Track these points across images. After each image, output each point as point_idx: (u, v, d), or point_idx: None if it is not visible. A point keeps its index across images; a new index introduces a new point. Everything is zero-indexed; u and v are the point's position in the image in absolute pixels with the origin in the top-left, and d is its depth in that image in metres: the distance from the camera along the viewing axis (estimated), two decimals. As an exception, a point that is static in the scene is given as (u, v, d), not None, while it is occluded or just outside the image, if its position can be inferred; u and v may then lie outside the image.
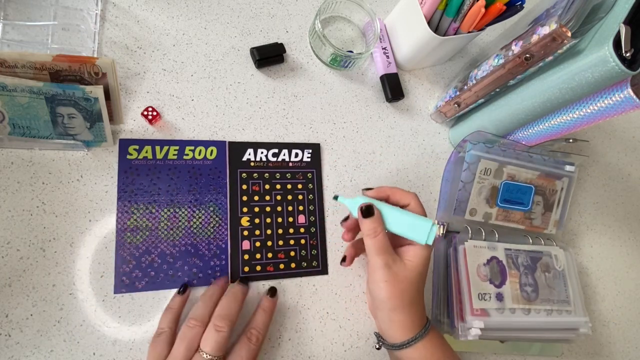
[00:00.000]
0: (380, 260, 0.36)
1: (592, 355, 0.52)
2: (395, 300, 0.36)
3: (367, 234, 0.37)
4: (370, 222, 0.37)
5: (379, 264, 0.36)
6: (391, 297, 0.36)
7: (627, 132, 0.66)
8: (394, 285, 0.36)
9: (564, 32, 0.35)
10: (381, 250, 0.36)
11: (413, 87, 0.54)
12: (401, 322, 0.37)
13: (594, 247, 0.57)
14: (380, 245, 0.36)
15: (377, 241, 0.36)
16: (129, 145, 0.40)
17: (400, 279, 0.36)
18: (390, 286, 0.36)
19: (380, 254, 0.36)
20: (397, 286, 0.36)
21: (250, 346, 0.36)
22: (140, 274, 0.38)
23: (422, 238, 0.36)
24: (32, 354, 0.34)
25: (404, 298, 0.36)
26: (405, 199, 0.39)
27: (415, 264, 0.36)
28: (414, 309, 0.37)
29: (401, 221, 0.37)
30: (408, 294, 0.36)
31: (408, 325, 0.36)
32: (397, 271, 0.36)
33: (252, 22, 0.48)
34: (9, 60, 0.30)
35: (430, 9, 0.45)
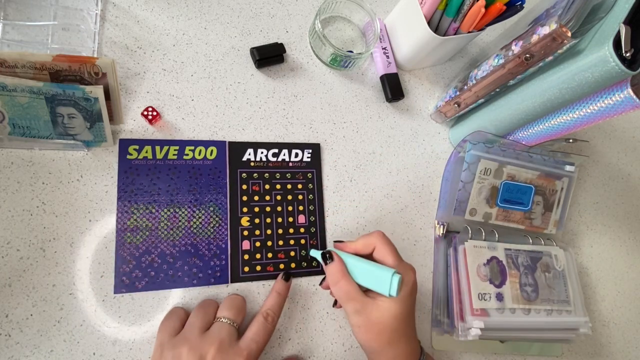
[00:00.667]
0: (348, 308, 0.35)
1: (592, 355, 0.52)
2: (373, 343, 0.35)
3: (330, 282, 0.36)
4: (331, 268, 0.36)
5: (348, 311, 0.35)
6: (367, 340, 0.35)
7: (627, 132, 0.66)
8: (367, 329, 0.35)
9: (564, 32, 0.35)
10: (346, 297, 0.35)
11: (413, 87, 0.54)
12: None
13: (594, 247, 0.57)
14: (344, 292, 0.35)
15: (339, 288, 0.35)
16: (129, 145, 0.40)
17: (373, 322, 0.34)
18: (365, 331, 0.35)
19: (346, 301, 0.35)
20: (372, 330, 0.35)
21: (267, 325, 0.37)
22: (140, 274, 0.38)
23: (385, 290, 0.34)
24: (32, 354, 0.34)
25: (382, 341, 0.35)
26: (370, 244, 0.38)
27: (387, 307, 0.34)
28: (397, 351, 0.35)
29: (364, 273, 0.36)
30: (386, 336, 0.34)
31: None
32: (369, 316, 0.34)
33: (252, 22, 0.48)
34: (9, 60, 0.30)
35: (430, 9, 0.45)
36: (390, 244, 0.38)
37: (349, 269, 0.36)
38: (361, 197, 0.48)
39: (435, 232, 0.49)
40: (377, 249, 0.37)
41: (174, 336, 0.34)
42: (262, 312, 0.38)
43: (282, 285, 0.40)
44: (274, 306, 0.38)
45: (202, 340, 0.34)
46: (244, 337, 0.36)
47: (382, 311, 0.34)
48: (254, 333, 0.36)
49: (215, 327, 0.35)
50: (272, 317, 0.37)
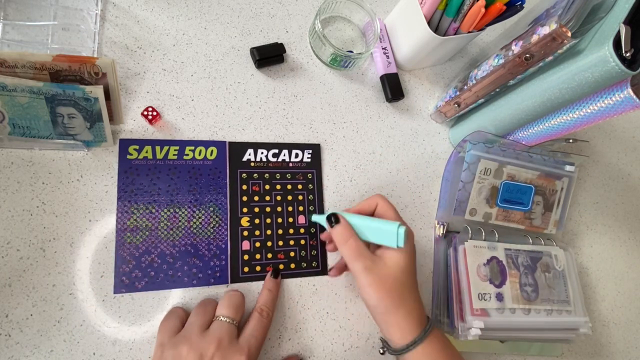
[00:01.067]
0: (358, 266, 0.36)
1: (592, 355, 0.52)
2: (385, 301, 0.35)
3: (338, 242, 0.37)
4: (338, 229, 0.37)
5: (358, 269, 0.36)
6: (380, 299, 0.35)
7: (627, 132, 0.66)
8: (379, 286, 0.35)
9: (564, 32, 0.35)
10: (356, 254, 0.36)
11: (413, 87, 0.54)
12: (398, 325, 0.36)
13: (594, 247, 0.57)
14: (353, 250, 0.36)
15: (349, 247, 0.36)
16: (129, 145, 0.40)
17: (384, 279, 0.35)
18: (376, 289, 0.35)
19: (356, 258, 0.36)
20: (383, 287, 0.35)
21: (262, 320, 0.37)
22: (140, 274, 0.38)
23: (392, 242, 0.36)
24: (32, 354, 0.34)
25: (394, 297, 0.35)
26: (372, 204, 0.39)
27: (396, 261, 0.36)
28: (407, 308, 0.36)
29: (369, 229, 0.37)
30: (397, 292, 0.35)
31: (405, 327, 0.36)
32: (379, 272, 0.35)
33: (252, 22, 0.48)
34: (9, 60, 0.30)
35: (430, 9, 0.45)
36: (390, 203, 0.39)
37: (354, 228, 0.38)
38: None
39: (435, 232, 0.49)
40: (379, 207, 0.39)
41: (174, 336, 0.34)
42: (257, 308, 0.38)
43: (272, 282, 0.41)
44: (267, 301, 0.39)
45: (202, 339, 0.34)
46: (242, 334, 0.36)
47: (391, 266, 0.35)
48: (252, 329, 0.36)
49: (214, 326, 0.35)
50: (266, 312, 0.38)
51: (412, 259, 0.37)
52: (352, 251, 0.36)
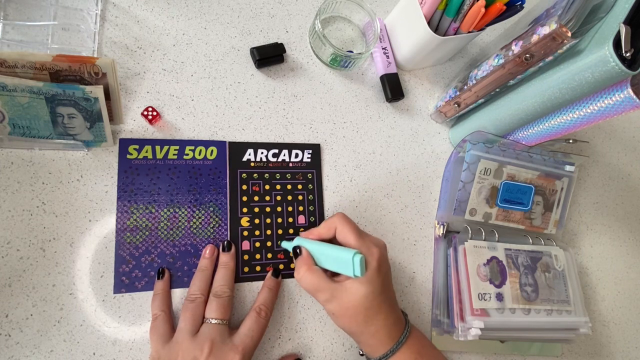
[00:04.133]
0: (319, 299, 0.37)
1: (592, 355, 0.52)
2: (350, 326, 0.36)
3: (297, 277, 0.37)
4: (298, 262, 0.37)
5: (320, 301, 0.37)
6: (344, 325, 0.37)
7: (627, 132, 0.66)
8: (341, 315, 0.36)
9: (564, 32, 0.35)
10: (315, 288, 0.36)
11: (413, 87, 0.54)
12: (366, 343, 0.37)
13: (594, 247, 0.57)
14: (310, 285, 0.36)
15: (305, 282, 0.36)
16: (129, 145, 0.40)
17: (345, 307, 0.35)
18: (339, 317, 0.36)
19: (315, 293, 0.36)
20: (345, 314, 0.35)
21: (260, 320, 0.37)
22: (140, 274, 0.38)
23: (349, 271, 0.35)
24: (32, 354, 0.34)
25: (358, 322, 0.36)
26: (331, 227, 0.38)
27: (356, 288, 0.35)
28: (374, 329, 0.36)
29: (327, 258, 0.37)
30: (360, 316, 0.35)
31: (374, 344, 0.36)
32: (340, 302, 0.35)
33: (252, 22, 0.48)
34: (9, 60, 0.30)
35: (430, 9, 0.45)
36: (350, 223, 0.38)
37: (315, 256, 0.37)
38: (361, 197, 0.48)
39: (435, 232, 0.49)
40: (338, 231, 0.38)
41: (167, 342, 0.35)
42: (255, 307, 0.38)
43: (272, 281, 0.41)
44: (266, 301, 0.39)
45: (193, 344, 0.34)
46: (237, 332, 0.36)
47: (351, 294, 0.35)
48: (248, 328, 0.36)
49: (204, 329, 0.35)
50: (265, 311, 0.38)
51: (375, 283, 0.35)
52: (309, 286, 0.36)
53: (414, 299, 0.47)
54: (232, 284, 0.39)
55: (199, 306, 0.36)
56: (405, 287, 0.47)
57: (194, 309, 0.36)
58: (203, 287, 0.37)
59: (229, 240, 0.41)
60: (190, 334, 0.35)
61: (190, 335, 0.34)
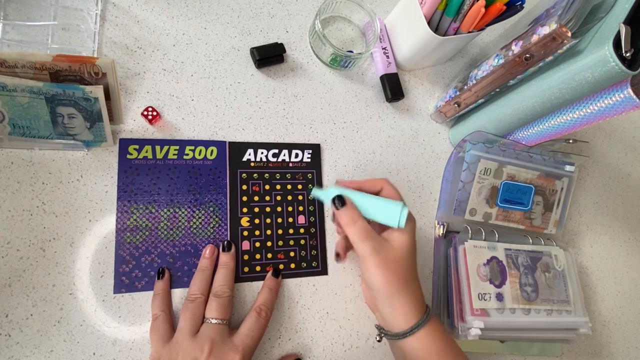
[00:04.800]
0: (366, 247, 0.35)
1: (592, 355, 0.52)
2: (392, 284, 0.35)
3: (345, 224, 0.36)
4: (345, 211, 0.36)
5: (366, 251, 0.35)
6: (387, 282, 0.35)
7: (627, 132, 0.66)
8: (386, 269, 0.35)
9: (564, 32, 0.35)
10: (364, 236, 0.35)
11: (413, 87, 0.54)
12: (402, 308, 0.36)
13: (594, 247, 0.57)
14: (361, 232, 0.35)
15: (357, 228, 0.36)
16: (129, 145, 0.40)
17: (391, 261, 0.35)
18: (384, 271, 0.35)
19: (364, 240, 0.35)
20: (390, 269, 0.35)
21: (260, 320, 0.37)
22: (140, 274, 0.38)
23: (395, 222, 0.35)
24: (32, 354, 0.34)
25: (400, 279, 0.35)
26: (377, 186, 0.39)
27: (401, 243, 0.36)
28: (411, 292, 0.36)
29: (373, 207, 0.37)
30: (403, 274, 0.35)
31: (408, 310, 0.36)
32: (387, 255, 0.35)
33: (252, 22, 0.48)
34: (9, 60, 0.30)
35: (430, 9, 0.45)
36: (396, 188, 0.39)
37: (358, 206, 0.37)
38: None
39: (435, 232, 0.49)
40: (385, 190, 0.38)
41: (167, 342, 0.35)
42: (255, 307, 0.38)
43: (273, 281, 0.41)
44: (267, 301, 0.39)
45: (193, 344, 0.34)
46: (238, 332, 0.36)
47: (397, 248, 0.36)
48: (248, 328, 0.36)
49: (204, 329, 0.35)
50: (265, 311, 0.38)
51: (414, 242, 0.37)
52: (360, 233, 0.35)
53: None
54: (232, 284, 0.39)
55: (199, 306, 0.36)
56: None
57: (194, 309, 0.36)
58: (203, 287, 0.38)
59: (229, 240, 0.41)
60: (190, 334, 0.35)
61: (190, 335, 0.34)
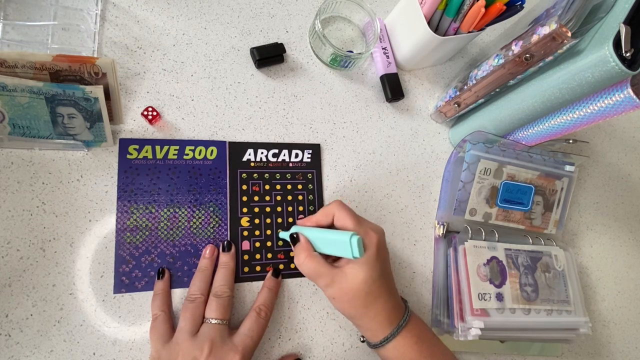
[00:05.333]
0: (319, 283, 0.37)
1: (592, 355, 0.52)
2: (349, 311, 0.37)
3: (297, 263, 0.38)
4: (297, 249, 0.38)
5: (320, 286, 0.37)
6: (344, 310, 0.37)
7: (627, 132, 0.66)
8: (341, 299, 0.36)
9: (564, 32, 0.35)
10: (314, 274, 0.37)
11: (413, 87, 0.54)
12: (366, 327, 0.38)
13: (594, 247, 0.57)
14: (311, 270, 0.37)
15: (306, 267, 0.37)
16: (129, 145, 0.40)
17: (344, 292, 0.36)
18: (339, 301, 0.37)
19: (315, 278, 0.37)
20: (345, 298, 0.36)
21: (260, 320, 0.37)
22: (140, 274, 0.38)
23: (348, 253, 0.35)
24: (32, 354, 0.34)
25: (357, 307, 0.36)
26: (329, 214, 0.38)
27: (355, 273, 0.35)
28: (373, 313, 0.36)
29: (326, 243, 0.37)
30: (360, 301, 0.36)
31: (374, 328, 0.37)
32: (340, 286, 0.36)
33: (252, 22, 0.48)
34: (9, 60, 0.30)
35: (430, 9, 0.45)
36: (347, 209, 0.38)
37: (313, 242, 0.38)
38: (361, 197, 0.48)
39: (435, 232, 0.49)
40: (336, 217, 0.38)
41: (167, 342, 0.35)
42: (255, 307, 0.38)
43: (272, 281, 0.41)
44: (266, 301, 0.39)
45: (193, 344, 0.34)
46: (237, 332, 0.36)
47: (350, 278, 0.36)
48: (248, 329, 0.36)
49: (204, 329, 0.35)
50: (265, 312, 0.38)
51: (374, 265, 0.36)
52: (310, 271, 0.37)
53: (414, 299, 0.47)
54: (232, 284, 0.39)
55: (199, 306, 0.36)
56: (405, 287, 0.47)
57: (194, 309, 0.36)
58: (203, 287, 0.38)
59: (229, 240, 0.41)
60: (190, 334, 0.35)
61: (190, 335, 0.34)
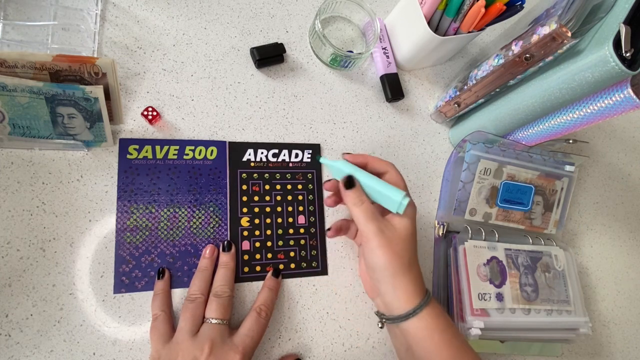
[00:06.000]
0: (371, 227, 0.36)
1: (592, 355, 0.52)
2: (395, 263, 0.35)
3: (352, 204, 0.37)
4: (353, 192, 0.37)
5: (371, 231, 0.36)
6: (391, 261, 0.35)
7: (627, 132, 0.66)
8: (390, 249, 0.35)
9: (564, 32, 0.35)
10: (370, 217, 0.36)
11: (413, 87, 0.54)
12: (405, 289, 0.36)
13: (594, 247, 0.57)
14: (367, 213, 0.36)
15: (363, 209, 0.36)
16: (129, 145, 0.40)
17: (395, 241, 0.36)
18: (388, 250, 0.35)
19: (369, 220, 0.36)
20: (394, 249, 0.35)
21: (260, 320, 0.37)
22: (140, 274, 0.38)
23: (394, 208, 0.36)
24: (32, 354, 0.34)
25: (403, 261, 0.36)
26: (383, 168, 0.39)
27: (403, 226, 0.36)
28: (414, 272, 0.36)
29: (377, 191, 0.37)
30: (406, 256, 0.36)
31: (412, 292, 0.36)
32: (391, 235, 0.36)
33: (252, 22, 0.48)
34: (9, 60, 0.30)
35: (430, 9, 0.45)
36: (400, 174, 0.39)
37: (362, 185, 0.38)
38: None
39: (435, 232, 0.49)
40: (390, 173, 0.39)
41: (167, 342, 0.35)
42: (255, 307, 0.38)
43: (273, 281, 0.41)
44: (267, 301, 0.39)
45: (193, 344, 0.34)
46: (237, 332, 0.36)
47: (400, 230, 0.36)
48: (248, 329, 0.36)
49: (204, 329, 0.35)
50: (265, 311, 0.38)
51: (415, 228, 0.38)
52: (366, 213, 0.36)
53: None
54: (232, 284, 0.39)
55: (199, 306, 0.36)
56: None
57: (194, 309, 0.36)
58: (203, 287, 0.38)
59: (229, 240, 0.41)
60: (190, 334, 0.35)
61: (190, 335, 0.34)
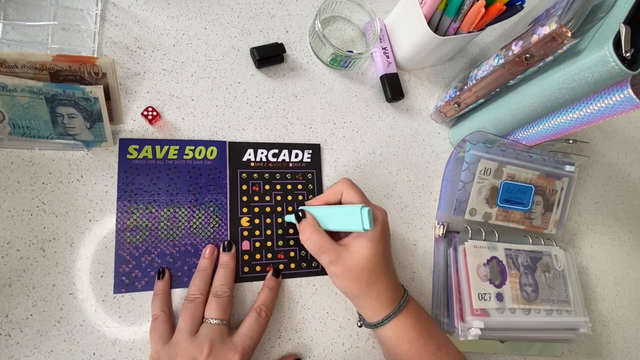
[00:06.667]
0: (323, 260, 0.37)
1: (592, 355, 0.52)
2: (352, 288, 0.37)
3: (302, 239, 0.38)
4: (302, 225, 0.38)
5: (324, 262, 0.37)
6: (347, 287, 0.37)
7: (627, 132, 0.66)
8: (345, 276, 0.36)
9: (564, 32, 0.35)
10: (319, 249, 0.37)
11: (413, 87, 0.54)
12: (368, 307, 0.38)
13: (594, 247, 0.57)
14: (316, 245, 0.37)
15: (312, 242, 0.37)
16: (129, 145, 0.40)
17: (349, 269, 0.36)
18: (342, 279, 0.37)
19: (320, 253, 0.37)
20: (349, 276, 0.36)
21: (260, 320, 0.38)
22: (140, 273, 0.38)
23: (358, 226, 0.36)
24: (32, 354, 0.34)
25: (361, 284, 0.36)
26: (337, 192, 0.39)
27: (360, 250, 0.36)
28: (375, 292, 0.37)
29: (333, 216, 0.37)
30: (363, 279, 0.36)
31: (375, 308, 0.37)
32: (344, 263, 0.36)
33: (252, 22, 0.48)
34: (9, 60, 0.30)
35: (430, 9, 0.45)
36: (355, 186, 0.39)
37: (320, 220, 0.38)
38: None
39: (435, 232, 0.49)
40: (345, 194, 0.38)
41: (167, 342, 0.35)
42: (255, 307, 0.38)
43: (273, 281, 0.41)
44: (267, 301, 0.39)
45: (193, 344, 0.34)
46: (237, 332, 0.36)
47: (355, 255, 0.36)
48: (248, 329, 0.36)
49: (203, 329, 0.35)
50: (265, 311, 0.38)
51: (378, 244, 0.36)
52: (315, 246, 0.37)
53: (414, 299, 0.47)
54: (232, 284, 0.39)
55: (198, 306, 0.36)
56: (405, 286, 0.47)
57: (193, 309, 0.36)
58: (203, 287, 0.38)
59: (229, 240, 0.41)
60: (189, 334, 0.35)
61: (189, 336, 0.34)
